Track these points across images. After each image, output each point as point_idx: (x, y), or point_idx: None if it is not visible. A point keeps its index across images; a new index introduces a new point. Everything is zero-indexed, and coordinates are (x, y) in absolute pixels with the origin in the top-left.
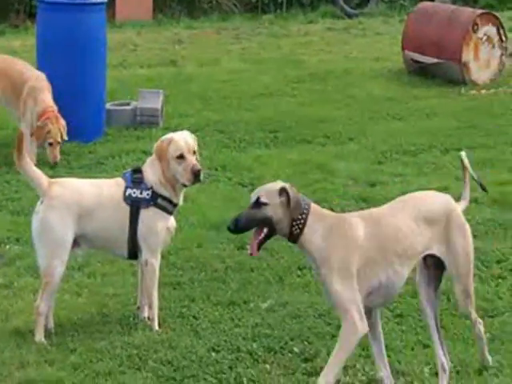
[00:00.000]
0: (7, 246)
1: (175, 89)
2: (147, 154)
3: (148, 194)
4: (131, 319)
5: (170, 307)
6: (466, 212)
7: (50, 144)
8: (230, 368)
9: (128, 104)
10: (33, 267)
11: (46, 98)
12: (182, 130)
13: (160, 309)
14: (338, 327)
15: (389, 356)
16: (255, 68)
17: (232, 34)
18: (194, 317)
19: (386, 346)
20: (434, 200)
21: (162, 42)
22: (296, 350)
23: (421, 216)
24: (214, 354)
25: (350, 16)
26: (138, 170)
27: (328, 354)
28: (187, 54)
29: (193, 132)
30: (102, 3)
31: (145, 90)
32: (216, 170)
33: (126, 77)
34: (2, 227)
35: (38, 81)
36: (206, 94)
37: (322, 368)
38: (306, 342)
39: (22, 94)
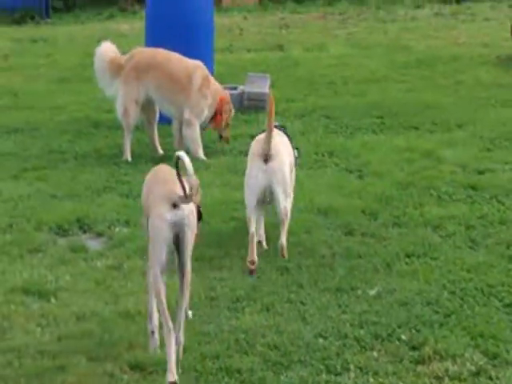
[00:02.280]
0: (117, 229)
1: (282, 73)
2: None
3: None
4: (239, 303)
5: (278, 292)
6: None
7: (227, 125)
8: (337, 354)
9: (235, 88)
10: (142, 249)
11: (216, 83)
12: (288, 115)
13: (268, 294)
14: (446, 315)
15: (497, 346)
16: (361, 53)
17: (338, 19)
18: (302, 302)
19: (494, 336)
20: None
21: (267, 27)
22: (403, 337)
23: None
24: (321, 340)
25: (457, 1)
26: None
27: (436, 343)
28: (293, 39)
29: (299, 117)
30: None
31: (252, 74)
32: (323, 155)
33: (232, 61)
34: (111, 209)
35: (203, 68)
36: (312, 79)
37: (429, 356)
38: (413, 330)
39: (191, 85)
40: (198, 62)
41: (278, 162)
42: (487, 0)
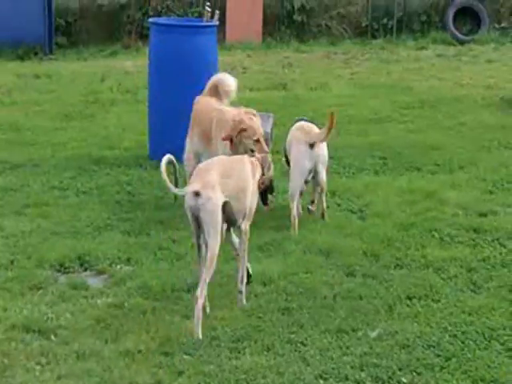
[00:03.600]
0: (118, 266)
1: (285, 112)
2: None
3: None
4: (240, 343)
5: (279, 332)
6: None
7: None
8: None
9: None
10: (143, 288)
11: None
12: None
13: (269, 334)
14: (448, 359)
15: None
16: (364, 93)
17: (341, 59)
18: (303, 343)
19: (496, 381)
20: None
21: (271, 65)
22: (404, 380)
23: None
24: (321, 381)
25: (461, 42)
26: None
27: None
28: (297, 78)
29: None
30: (213, 26)
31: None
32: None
33: (235, 99)
34: (112, 247)
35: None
36: (315, 118)
37: None
38: (414, 373)
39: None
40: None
41: (320, 148)
42: (490, 42)
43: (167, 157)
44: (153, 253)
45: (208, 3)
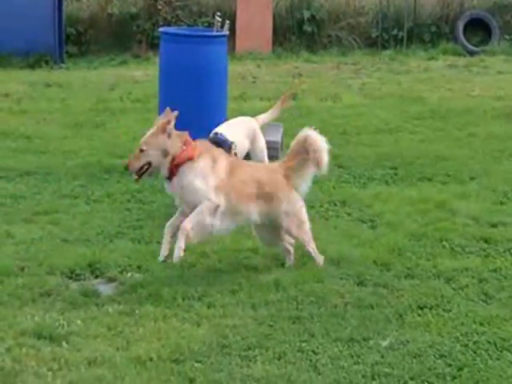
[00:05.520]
0: (128, 274)
1: (294, 122)
2: None
3: None
4: (251, 351)
5: (290, 341)
6: None
7: None
8: None
9: None
10: (154, 295)
11: None
12: None
13: (280, 342)
14: (459, 368)
15: None
16: (375, 103)
17: (351, 69)
18: (314, 352)
19: None
20: None
21: (281, 75)
22: None
23: None
24: None
25: (471, 53)
26: None
27: None
28: (307, 88)
29: None
30: (223, 36)
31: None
32: (335, 204)
33: (245, 109)
34: (123, 255)
35: None
36: (325, 129)
37: None
38: (426, 383)
39: None
40: None
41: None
42: (501, 53)
43: None
44: (163, 261)
45: (218, 13)
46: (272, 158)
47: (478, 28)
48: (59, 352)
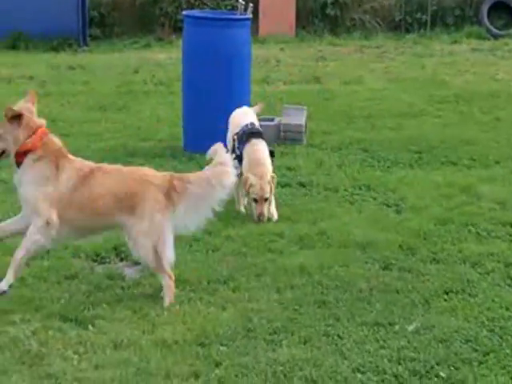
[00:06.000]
0: None
1: (318, 106)
2: (292, 170)
3: None
4: (276, 335)
5: (315, 325)
6: None
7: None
8: None
9: (272, 120)
10: (179, 279)
11: None
12: (325, 147)
13: (305, 326)
14: (485, 354)
15: None
16: (398, 87)
17: (375, 53)
18: (339, 336)
19: None
20: None
21: (304, 59)
22: (442, 374)
23: None
24: (359, 375)
25: (495, 37)
26: None
27: (475, 381)
28: (330, 72)
29: (336, 150)
30: (247, 19)
31: (289, 106)
32: (360, 189)
33: (269, 92)
34: None
35: None
36: (349, 112)
37: None
38: (452, 368)
39: None
40: None
41: None
42: None
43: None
44: (188, 244)
45: None
46: (296, 141)
47: (502, 11)
48: (85, 335)
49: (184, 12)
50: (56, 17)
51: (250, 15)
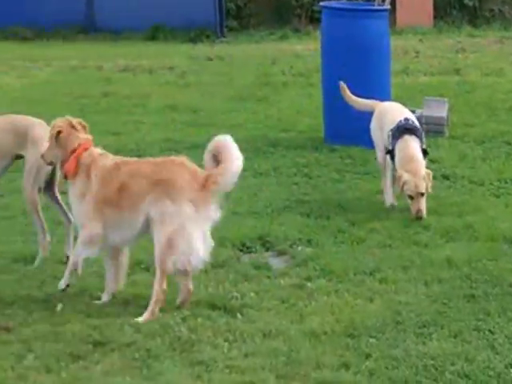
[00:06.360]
0: (299, 248)
1: (459, 98)
2: (435, 162)
3: None
4: (425, 329)
5: (465, 319)
6: None
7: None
8: None
9: (413, 112)
10: (325, 270)
11: None
12: (468, 140)
13: (455, 320)
14: None
15: None
16: None
17: None
18: (490, 331)
19: None
20: None
21: (443, 50)
22: None
23: None
24: None
25: None
26: None
27: None
28: (470, 63)
29: (479, 143)
30: (385, 10)
31: (430, 98)
32: (506, 182)
33: (409, 84)
34: (292, 228)
35: None
36: (491, 104)
37: None
38: None
39: None
40: None
41: None
42: None
43: None
44: (333, 235)
45: None
46: (438, 134)
47: None
48: (234, 323)
49: (321, 3)
50: (194, 9)
51: (388, 6)
